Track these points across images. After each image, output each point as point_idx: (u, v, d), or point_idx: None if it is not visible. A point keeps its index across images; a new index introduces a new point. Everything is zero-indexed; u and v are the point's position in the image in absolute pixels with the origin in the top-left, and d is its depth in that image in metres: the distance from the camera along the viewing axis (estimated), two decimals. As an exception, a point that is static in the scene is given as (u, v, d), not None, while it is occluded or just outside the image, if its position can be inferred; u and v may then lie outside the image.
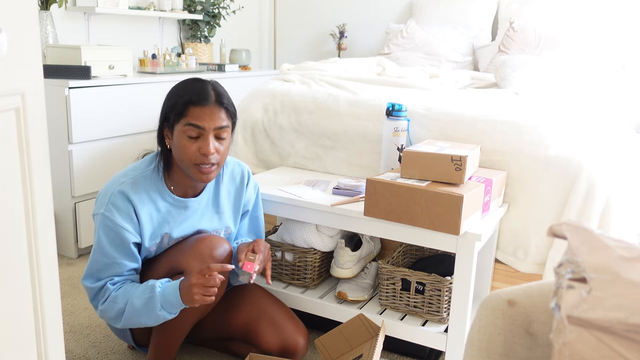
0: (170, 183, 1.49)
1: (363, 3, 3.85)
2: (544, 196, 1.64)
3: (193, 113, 1.38)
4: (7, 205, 0.79)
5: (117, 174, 1.48)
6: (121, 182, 1.43)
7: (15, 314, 0.82)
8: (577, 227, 0.63)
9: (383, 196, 1.50)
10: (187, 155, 1.39)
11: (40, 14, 2.53)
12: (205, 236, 1.48)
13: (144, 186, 1.44)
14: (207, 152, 1.38)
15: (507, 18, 3.11)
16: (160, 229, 1.47)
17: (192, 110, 1.38)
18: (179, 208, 1.49)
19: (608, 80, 2.31)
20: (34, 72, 0.82)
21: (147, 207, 1.44)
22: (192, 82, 1.44)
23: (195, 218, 1.52)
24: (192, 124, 1.38)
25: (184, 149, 1.39)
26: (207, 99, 1.39)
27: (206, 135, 1.39)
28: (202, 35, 3.53)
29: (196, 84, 1.42)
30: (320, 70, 2.43)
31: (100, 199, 1.44)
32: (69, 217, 2.35)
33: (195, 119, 1.38)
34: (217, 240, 1.47)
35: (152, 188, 1.46)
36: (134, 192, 1.42)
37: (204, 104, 1.38)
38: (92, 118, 2.32)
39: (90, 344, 1.75)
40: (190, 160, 1.40)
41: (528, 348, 0.72)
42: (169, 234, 1.49)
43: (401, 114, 1.76)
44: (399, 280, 1.65)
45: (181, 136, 1.39)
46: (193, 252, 1.43)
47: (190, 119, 1.38)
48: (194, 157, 1.39)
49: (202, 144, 1.39)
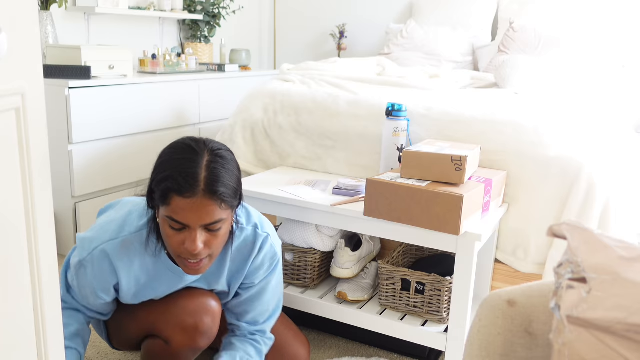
0: None
1: (363, 3, 3.85)
2: (544, 196, 1.64)
3: (175, 205, 1.09)
4: (7, 205, 0.79)
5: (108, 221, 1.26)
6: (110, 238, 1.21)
7: (15, 314, 0.82)
8: (577, 227, 0.63)
9: (383, 196, 1.50)
10: (170, 245, 1.15)
11: (40, 14, 2.53)
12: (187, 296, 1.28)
13: (136, 250, 1.22)
14: (193, 249, 1.11)
15: (507, 18, 3.11)
16: (146, 291, 1.28)
17: (175, 200, 1.09)
18: (173, 276, 1.28)
19: (608, 80, 2.31)
20: (34, 72, 0.82)
21: (134, 272, 1.24)
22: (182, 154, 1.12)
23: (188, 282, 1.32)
24: (174, 219, 1.10)
25: (168, 239, 1.14)
26: (193, 190, 1.08)
27: (192, 231, 1.11)
28: (202, 36, 3.53)
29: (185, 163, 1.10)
30: (320, 71, 2.43)
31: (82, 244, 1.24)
32: (69, 217, 2.35)
33: (177, 214, 1.09)
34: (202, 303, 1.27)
35: (147, 252, 1.23)
36: (121, 255, 1.21)
37: (188, 195, 1.08)
38: (92, 118, 2.33)
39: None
40: (174, 252, 1.15)
41: (528, 348, 0.72)
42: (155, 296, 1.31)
43: (401, 114, 1.76)
44: (399, 280, 1.65)
45: (164, 223, 1.13)
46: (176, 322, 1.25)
47: (171, 212, 1.09)
48: (179, 250, 1.14)
49: (187, 239, 1.12)
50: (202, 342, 1.29)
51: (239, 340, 1.38)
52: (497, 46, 2.95)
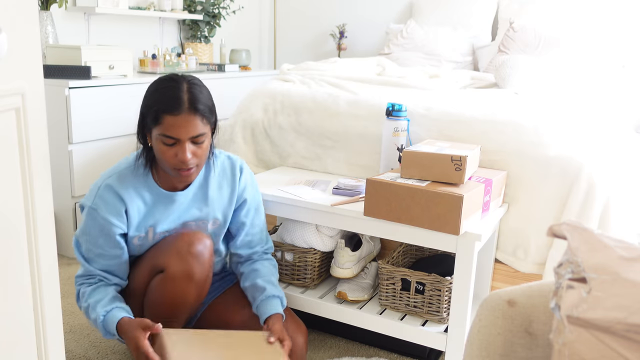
0: (157, 177, 1.49)
1: (363, 3, 3.85)
2: (544, 196, 1.64)
3: (166, 123, 1.35)
4: (7, 205, 0.79)
5: (106, 170, 1.51)
6: (109, 176, 1.46)
7: (15, 314, 0.82)
8: (577, 227, 0.63)
9: (383, 196, 1.50)
10: (165, 160, 1.40)
11: (40, 14, 2.53)
12: (184, 232, 1.48)
13: (131, 180, 1.46)
14: (184, 159, 1.37)
15: (507, 18, 3.11)
16: (146, 221, 1.48)
17: (166, 119, 1.35)
18: (165, 201, 1.50)
19: (608, 80, 2.31)
20: (34, 72, 0.82)
21: (134, 200, 1.46)
22: (166, 84, 1.40)
23: (181, 210, 1.52)
24: (167, 135, 1.36)
25: (162, 154, 1.39)
26: (179, 107, 1.35)
27: (182, 143, 1.37)
28: (202, 36, 3.53)
29: (169, 90, 1.38)
30: (320, 70, 2.43)
31: (89, 192, 1.47)
32: (69, 217, 2.35)
33: (169, 130, 1.36)
34: (197, 237, 1.47)
35: (139, 182, 1.47)
36: (121, 185, 1.44)
37: (176, 113, 1.35)
38: (92, 118, 2.32)
39: (90, 344, 1.75)
40: (169, 165, 1.40)
41: (528, 348, 0.72)
42: (154, 227, 1.50)
43: (401, 114, 1.76)
44: (399, 280, 1.65)
45: (157, 142, 1.39)
46: (172, 250, 1.44)
47: (163, 130, 1.36)
48: (172, 162, 1.39)
49: (179, 151, 1.37)
50: (196, 266, 1.43)
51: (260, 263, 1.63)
52: (497, 46, 2.94)
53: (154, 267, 1.48)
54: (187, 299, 1.46)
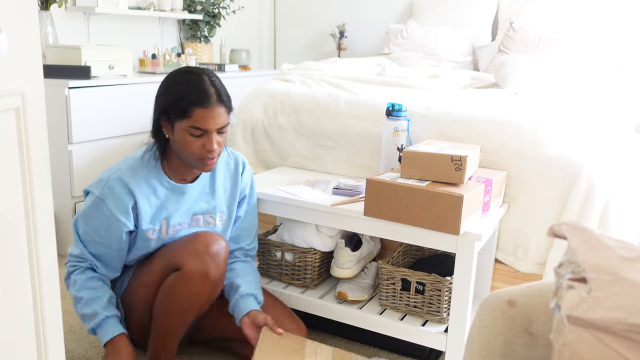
0: (167, 169, 1.51)
1: (363, 3, 3.85)
2: (544, 196, 1.64)
3: (197, 115, 1.39)
4: (7, 205, 0.79)
5: (115, 163, 1.51)
6: (119, 168, 1.46)
7: (15, 314, 0.82)
8: (577, 227, 0.63)
9: (383, 196, 1.50)
10: (190, 150, 1.43)
11: (40, 14, 2.53)
12: (201, 233, 1.51)
13: (141, 173, 1.47)
14: (212, 149, 1.42)
15: (507, 18, 3.11)
16: (159, 214, 1.50)
17: (196, 112, 1.39)
18: (176, 194, 1.52)
19: (608, 80, 2.31)
20: (34, 72, 0.82)
21: (145, 193, 1.47)
22: (189, 77, 1.43)
23: (191, 202, 1.55)
24: (197, 127, 1.40)
25: (188, 145, 1.42)
26: (209, 100, 1.40)
27: (209, 134, 1.42)
28: (202, 35, 3.53)
29: (195, 83, 1.42)
30: (320, 70, 2.43)
31: (98, 180, 1.47)
32: (69, 217, 2.35)
33: (200, 122, 1.40)
34: (214, 238, 1.49)
35: (151, 175, 1.48)
36: (132, 178, 1.45)
37: (206, 105, 1.39)
38: (92, 118, 2.32)
39: (90, 344, 1.75)
40: (194, 155, 1.43)
41: (528, 348, 0.72)
42: (167, 219, 1.52)
43: (401, 114, 1.76)
44: (399, 280, 1.65)
45: (184, 134, 1.42)
46: (189, 248, 1.46)
47: (194, 122, 1.40)
48: (198, 152, 1.43)
49: (206, 142, 1.42)
50: (212, 266, 1.45)
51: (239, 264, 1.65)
52: (497, 46, 2.94)
53: (168, 265, 1.49)
54: (201, 298, 1.47)
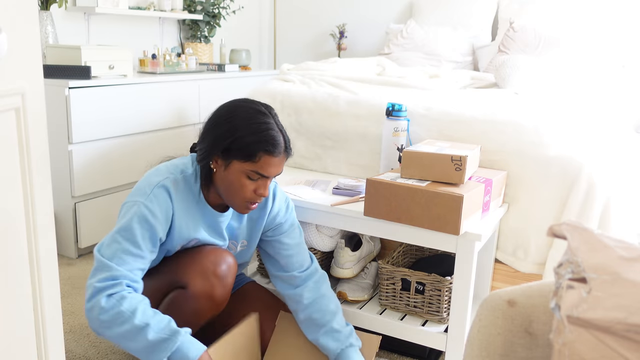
0: (206, 194, 1.46)
1: (363, 3, 3.85)
2: (544, 196, 1.64)
3: (263, 162, 1.35)
4: (7, 205, 0.79)
5: (154, 170, 1.44)
6: (164, 176, 1.40)
7: (15, 314, 0.82)
8: (577, 227, 0.63)
9: (383, 196, 1.50)
10: (241, 192, 1.39)
11: (40, 14, 2.53)
12: (209, 250, 1.45)
13: (183, 189, 1.42)
14: (265, 195, 1.39)
15: (507, 18, 3.11)
16: (190, 233, 1.45)
17: (264, 158, 1.35)
18: (210, 220, 1.48)
19: (608, 80, 2.31)
20: (34, 72, 0.82)
21: (183, 209, 1.42)
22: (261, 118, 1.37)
23: (220, 230, 1.52)
24: (259, 172, 1.36)
25: (241, 187, 1.38)
26: (278, 149, 1.37)
27: (266, 180, 1.39)
28: (202, 35, 3.53)
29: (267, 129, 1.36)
30: (320, 70, 2.43)
31: (141, 189, 1.39)
32: (69, 217, 2.35)
33: (264, 169, 1.36)
34: (221, 255, 1.44)
35: (191, 194, 1.43)
36: (175, 190, 1.40)
37: (276, 154, 1.36)
38: (92, 118, 2.32)
39: (90, 344, 1.75)
40: (242, 198, 1.39)
41: (528, 348, 0.72)
42: (198, 239, 1.47)
43: (401, 114, 1.76)
44: (399, 280, 1.65)
45: (240, 175, 1.37)
46: (196, 268, 1.41)
47: (258, 168, 1.36)
48: (249, 196, 1.39)
49: (261, 186, 1.39)
50: (218, 288, 1.40)
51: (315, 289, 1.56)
52: (497, 46, 2.94)
53: (174, 280, 1.44)
54: (203, 316, 1.43)
